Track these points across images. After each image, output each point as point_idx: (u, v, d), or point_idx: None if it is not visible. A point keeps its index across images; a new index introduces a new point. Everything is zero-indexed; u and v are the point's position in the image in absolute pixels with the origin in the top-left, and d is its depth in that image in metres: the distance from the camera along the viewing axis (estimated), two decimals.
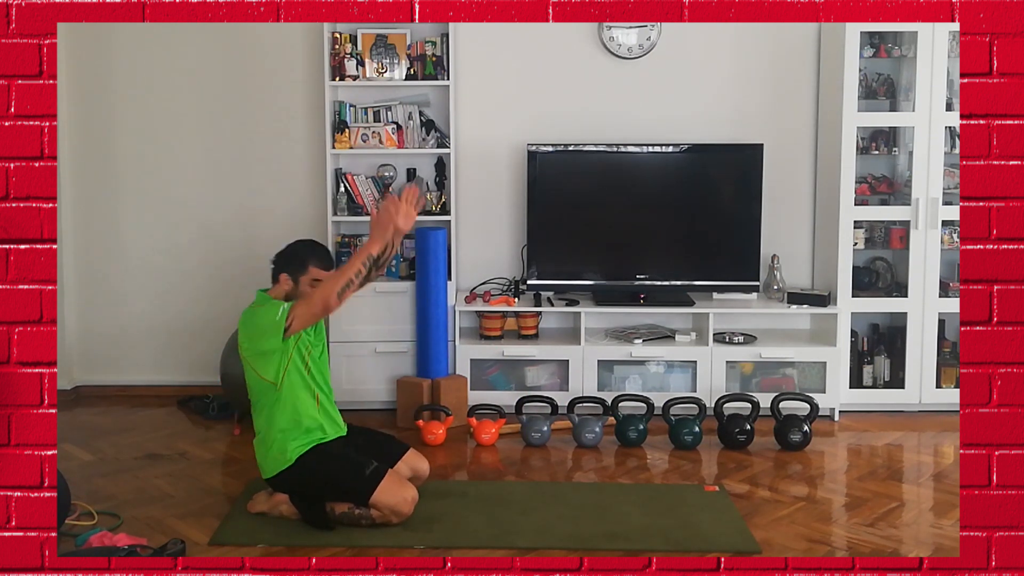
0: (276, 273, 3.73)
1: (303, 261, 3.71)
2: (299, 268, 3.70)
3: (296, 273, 3.70)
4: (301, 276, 3.70)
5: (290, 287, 3.70)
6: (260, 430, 3.69)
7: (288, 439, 3.62)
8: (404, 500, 3.58)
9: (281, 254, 3.78)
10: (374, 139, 5.19)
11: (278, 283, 3.71)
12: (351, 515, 3.59)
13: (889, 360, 5.21)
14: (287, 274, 3.70)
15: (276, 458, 3.62)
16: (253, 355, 3.62)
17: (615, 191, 5.22)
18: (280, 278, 3.71)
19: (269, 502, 3.72)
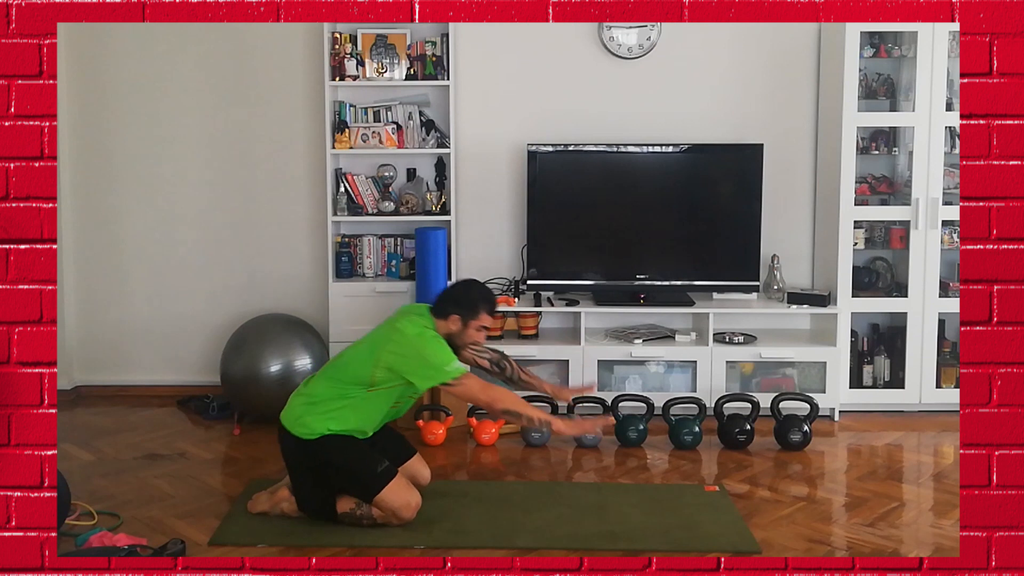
0: (446, 310, 3.71)
1: (476, 307, 3.73)
2: (471, 313, 3.72)
3: (467, 317, 3.71)
4: (471, 320, 3.71)
5: (457, 328, 3.70)
6: (318, 395, 3.63)
7: (330, 422, 3.59)
8: (408, 504, 3.58)
9: (456, 295, 3.77)
10: (374, 139, 5.20)
11: (446, 320, 3.70)
12: (352, 515, 3.59)
13: (889, 360, 5.21)
14: (459, 316, 3.70)
15: (309, 424, 3.59)
16: (390, 361, 3.57)
17: (615, 191, 5.22)
18: (451, 317, 3.70)
19: (270, 501, 3.72)
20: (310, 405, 3.64)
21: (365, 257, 5.31)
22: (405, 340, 3.60)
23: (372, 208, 5.28)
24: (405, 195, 5.27)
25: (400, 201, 5.28)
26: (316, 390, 3.67)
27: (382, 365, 3.58)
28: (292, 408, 3.69)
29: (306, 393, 3.70)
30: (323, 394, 3.65)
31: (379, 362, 3.59)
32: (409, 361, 3.57)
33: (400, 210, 5.26)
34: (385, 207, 5.23)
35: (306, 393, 3.70)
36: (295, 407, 3.68)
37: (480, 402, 3.59)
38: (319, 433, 3.59)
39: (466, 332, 3.72)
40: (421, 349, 3.58)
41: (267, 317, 5.18)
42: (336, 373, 3.69)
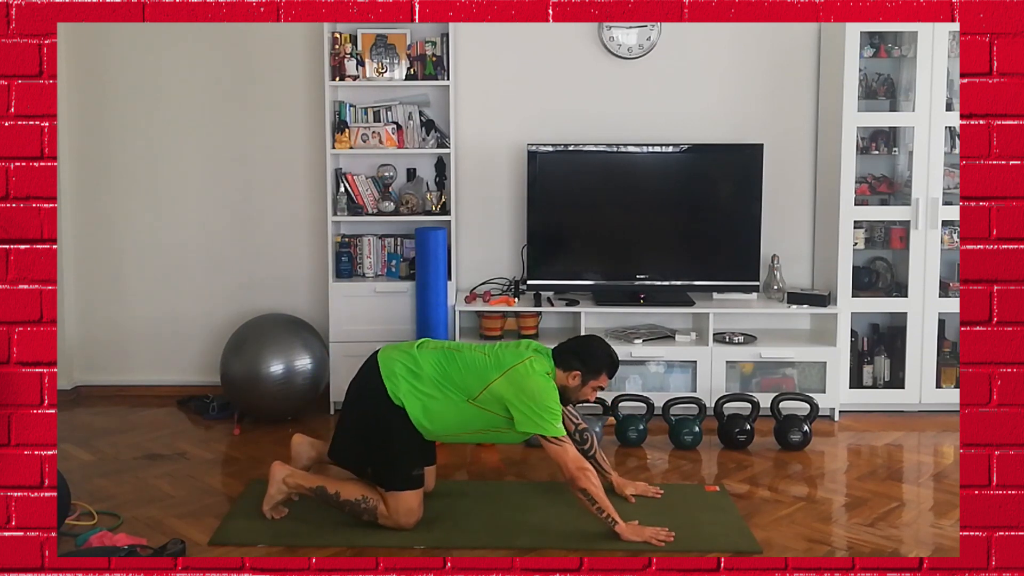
0: (571, 364, 3.68)
1: (600, 369, 3.72)
2: (594, 374, 3.71)
3: (588, 376, 3.70)
4: (591, 380, 3.71)
5: (575, 384, 3.69)
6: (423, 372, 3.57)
7: (414, 403, 3.56)
8: (412, 514, 3.57)
9: (583, 352, 3.73)
10: (374, 139, 5.19)
11: (567, 372, 3.68)
12: (357, 505, 3.58)
13: (889, 360, 5.21)
14: (580, 373, 3.68)
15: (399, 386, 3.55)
16: (504, 390, 3.55)
17: (615, 191, 5.22)
18: (573, 372, 3.68)
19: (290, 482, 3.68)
20: (411, 373, 3.59)
21: (365, 257, 5.31)
22: (530, 378, 3.56)
23: (372, 208, 5.28)
24: (405, 195, 5.27)
25: (400, 201, 5.28)
26: (425, 365, 3.61)
27: (495, 389, 3.55)
28: (396, 360, 3.62)
29: (415, 358, 3.62)
30: (428, 374, 3.59)
31: (494, 385, 3.56)
32: (523, 399, 3.53)
33: (400, 210, 5.26)
34: (385, 207, 5.23)
35: (415, 358, 3.62)
36: (398, 360, 3.61)
37: (569, 471, 3.49)
38: (399, 402, 3.56)
39: (582, 390, 3.70)
40: (541, 395, 3.54)
41: (267, 317, 5.18)
42: (451, 367, 3.62)
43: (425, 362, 3.61)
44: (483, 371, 3.59)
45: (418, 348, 3.69)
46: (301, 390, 4.97)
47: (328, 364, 5.14)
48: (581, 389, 3.71)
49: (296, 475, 3.69)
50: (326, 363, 5.13)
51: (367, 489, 3.62)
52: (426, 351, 3.67)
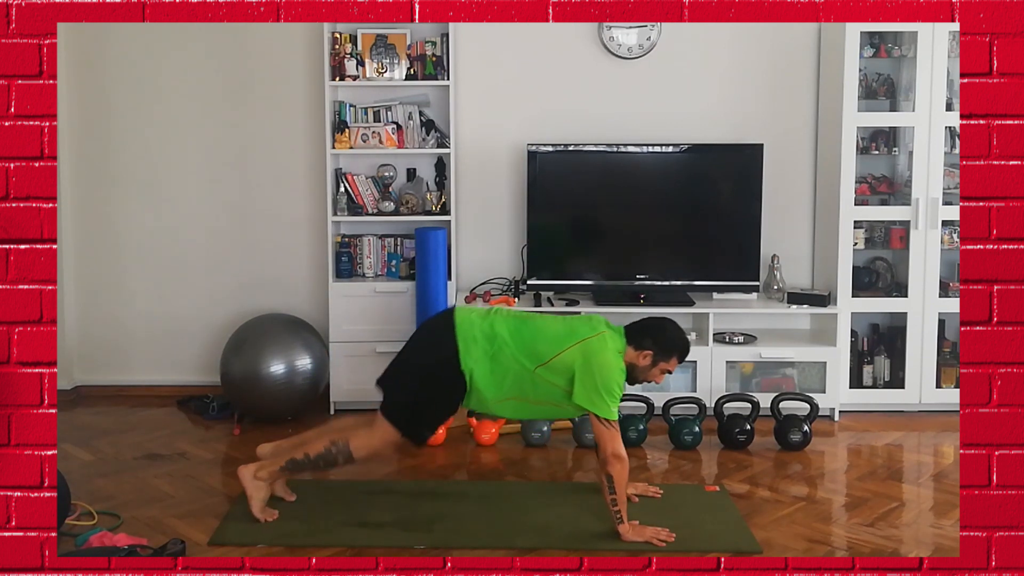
0: (644, 343, 3.66)
1: (672, 351, 3.70)
2: (665, 356, 3.69)
3: (659, 358, 3.68)
4: (662, 362, 3.69)
5: (646, 364, 3.67)
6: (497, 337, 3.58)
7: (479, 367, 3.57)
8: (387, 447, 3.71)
9: (657, 333, 3.71)
10: (374, 139, 5.19)
11: (640, 351, 3.66)
12: (328, 455, 3.62)
13: (889, 360, 5.21)
14: (653, 353, 3.67)
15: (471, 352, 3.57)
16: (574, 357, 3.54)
17: (615, 191, 5.22)
18: (645, 352, 3.66)
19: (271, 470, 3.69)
20: (486, 338, 3.58)
21: (365, 257, 5.31)
22: (602, 353, 3.56)
23: (372, 208, 5.28)
24: (405, 195, 5.27)
25: (400, 201, 5.28)
26: (500, 330, 3.60)
27: (566, 357, 3.55)
28: (474, 323, 3.62)
29: (492, 323, 3.61)
30: (502, 338, 3.58)
31: (566, 353, 3.55)
32: (590, 372, 3.52)
33: (400, 210, 5.26)
34: (385, 207, 5.23)
35: (492, 323, 3.61)
36: (476, 323, 3.61)
37: (606, 453, 3.48)
38: (466, 368, 3.56)
39: (651, 371, 3.69)
40: (608, 373, 3.53)
41: (267, 317, 5.18)
42: (525, 330, 3.61)
43: (500, 327, 3.62)
44: (557, 338, 3.59)
45: (493, 313, 3.70)
46: (301, 390, 4.97)
47: (328, 364, 5.14)
48: (650, 370, 3.69)
49: (263, 465, 3.70)
50: (326, 363, 5.13)
51: (330, 433, 3.68)
52: (500, 316, 3.68)
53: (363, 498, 3.89)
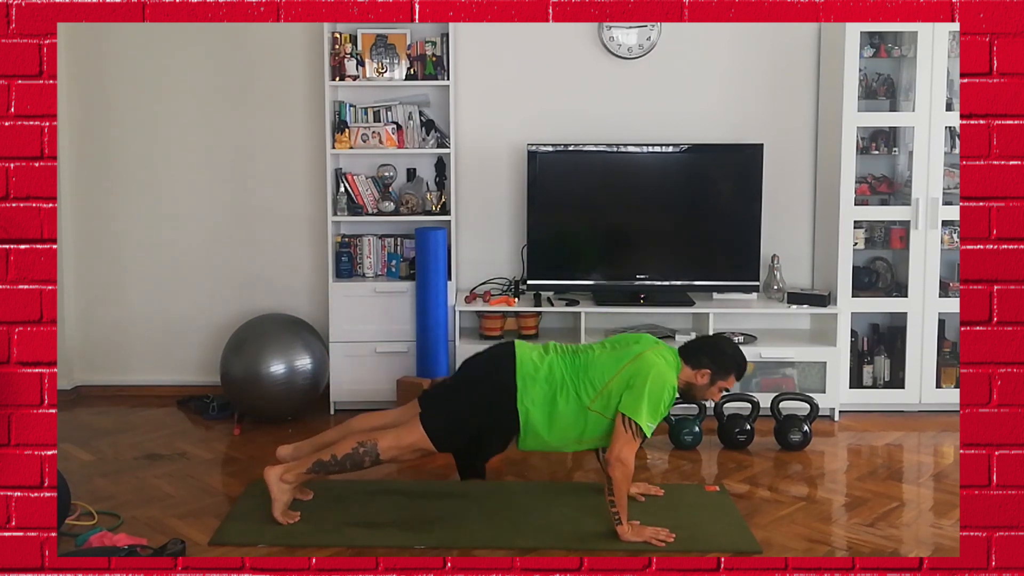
0: (701, 362, 3.66)
1: (729, 370, 3.68)
2: (724, 374, 3.67)
3: (717, 376, 3.66)
4: (720, 380, 3.67)
5: (704, 383, 3.66)
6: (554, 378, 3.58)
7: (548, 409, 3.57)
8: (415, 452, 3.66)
9: (714, 352, 3.70)
10: (374, 139, 5.19)
11: (696, 371, 3.65)
12: (356, 455, 3.58)
13: (889, 360, 5.21)
14: (711, 372, 3.65)
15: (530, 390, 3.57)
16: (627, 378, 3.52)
17: (615, 191, 5.22)
18: (702, 371, 3.65)
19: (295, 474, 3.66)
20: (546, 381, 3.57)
21: (365, 257, 5.31)
22: (656, 364, 3.53)
23: (372, 208, 5.28)
24: (405, 195, 5.27)
25: (400, 201, 5.28)
26: (558, 373, 3.59)
27: (619, 380, 3.53)
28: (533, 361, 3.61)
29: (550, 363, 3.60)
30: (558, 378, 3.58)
31: (619, 375, 3.54)
32: (642, 380, 3.50)
33: (400, 210, 5.26)
34: (385, 207, 5.23)
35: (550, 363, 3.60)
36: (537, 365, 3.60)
37: (613, 455, 3.45)
38: (522, 409, 3.56)
39: (709, 389, 3.68)
40: (659, 387, 3.50)
41: (267, 317, 5.18)
42: (578, 362, 3.61)
43: (557, 367, 3.61)
44: (609, 363, 3.58)
45: (551, 352, 3.69)
46: (301, 390, 4.97)
47: (328, 364, 5.14)
48: (708, 388, 3.68)
49: (290, 467, 3.67)
50: (326, 363, 5.13)
51: (359, 435, 3.65)
52: (557, 355, 3.67)
53: (363, 498, 3.89)
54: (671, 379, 3.57)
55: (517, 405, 3.58)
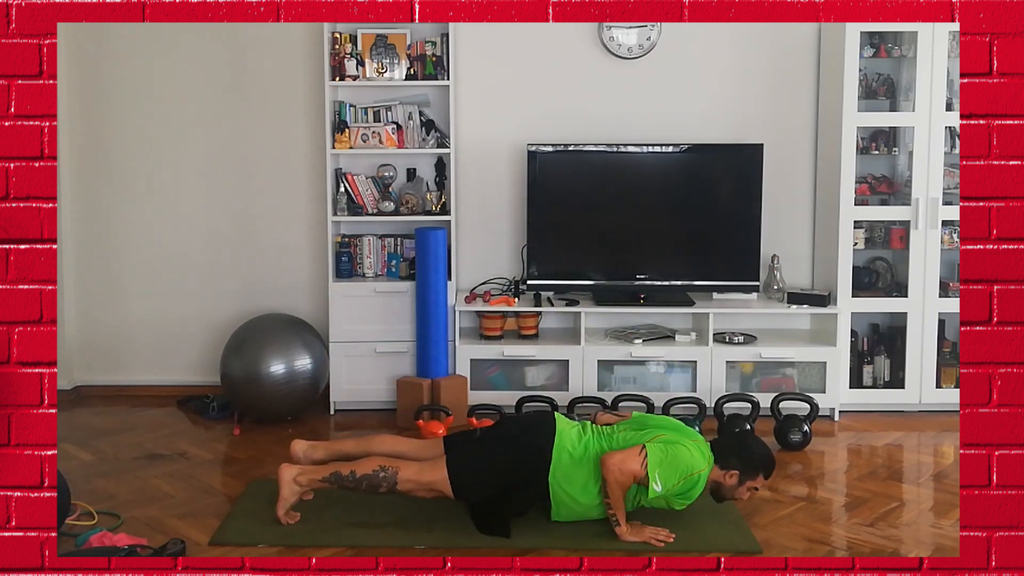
0: (729, 461, 3.61)
1: (757, 471, 3.65)
2: (752, 474, 3.64)
3: (746, 477, 3.63)
4: (749, 481, 3.64)
5: (733, 483, 3.62)
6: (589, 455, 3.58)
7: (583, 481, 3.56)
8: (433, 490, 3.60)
9: (743, 453, 3.66)
10: (374, 139, 5.19)
11: (725, 470, 3.60)
12: (374, 478, 3.55)
13: (889, 360, 5.21)
14: (740, 472, 3.61)
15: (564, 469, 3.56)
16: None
17: (615, 191, 5.22)
18: (731, 472, 3.60)
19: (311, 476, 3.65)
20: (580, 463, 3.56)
21: (365, 257, 5.31)
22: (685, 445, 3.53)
23: (372, 208, 5.28)
24: (405, 195, 5.27)
25: (400, 201, 5.28)
26: (592, 450, 3.58)
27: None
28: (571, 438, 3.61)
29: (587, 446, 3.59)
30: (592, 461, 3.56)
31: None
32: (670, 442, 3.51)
33: (400, 210, 5.26)
34: (385, 207, 5.23)
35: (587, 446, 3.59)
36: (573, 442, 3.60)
37: (613, 458, 3.45)
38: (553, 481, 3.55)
39: (738, 489, 3.64)
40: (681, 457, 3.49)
41: (267, 317, 5.18)
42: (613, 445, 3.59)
43: (592, 447, 3.60)
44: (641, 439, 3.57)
45: (588, 431, 3.69)
46: (301, 390, 4.97)
47: (328, 364, 5.14)
48: (737, 488, 3.64)
49: (306, 471, 3.66)
50: (326, 363, 5.13)
51: (382, 460, 3.61)
52: (594, 436, 3.65)
53: (363, 498, 3.87)
54: (700, 467, 3.53)
55: (549, 477, 3.57)
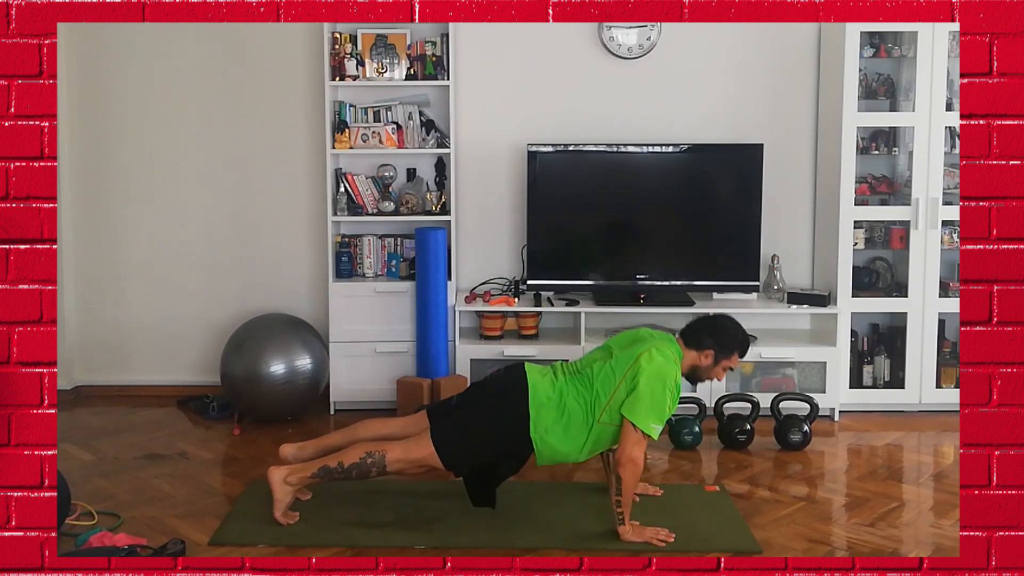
0: (703, 343, 3.66)
1: (732, 349, 3.69)
2: (727, 353, 3.67)
3: (721, 356, 3.67)
4: (723, 359, 3.67)
5: (708, 363, 3.66)
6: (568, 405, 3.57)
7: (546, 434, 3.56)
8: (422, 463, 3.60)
9: (716, 331, 3.70)
10: (374, 139, 5.19)
11: (700, 352, 3.64)
12: (363, 465, 3.55)
13: (889, 360, 5.21)
14: (714, 352, 3.65)
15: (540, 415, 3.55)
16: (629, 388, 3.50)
17: (615, 191, 5.22)
18: (706, 352, 3.64)
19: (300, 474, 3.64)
20: (557, 408, 3.57)
21: (365, 257, 5.31)
22: (651, 366, 3.49)
23: (372, 208, 5.28)
24: (405, 195, 5.27)
25: (400, 201, 5.28)
26: (568, 400, 3.58)
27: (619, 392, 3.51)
28: (545, 390, 3.59)
29: (562, 393, 3.59)
30: (572, 409, 3.57)
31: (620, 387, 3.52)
32: (641, 389, 3.47)
33: (400, 210, 5.26)
34: (385, 207, 5.23)
35: (562, 393, 3.59)
36: (547, 392, 3.58)
37: (623, 455, 3.43)
38: (536, 435, 3.55)
39: (714, 369, 3.68)
40: (653, 387, 3.47)
41: (267, 317, 5.18)
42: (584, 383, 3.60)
43: (568, 394, 3.60)
44: (608, 376, 3.56)
45: (560, 375, 3.67)
46: (301, 390, 4.97)
47: (328, 364, 5.14)
48: (713, 368, 3.68)
49: (295, 470, 3.66)
50: (326, 363, 5.13)
51: (368, 445, 3.61)
52: (566, 379, 3.65)
53: (363, 498, 3.89)
54: (671, 373, 3.54)
55: (531, 433, 3.57)
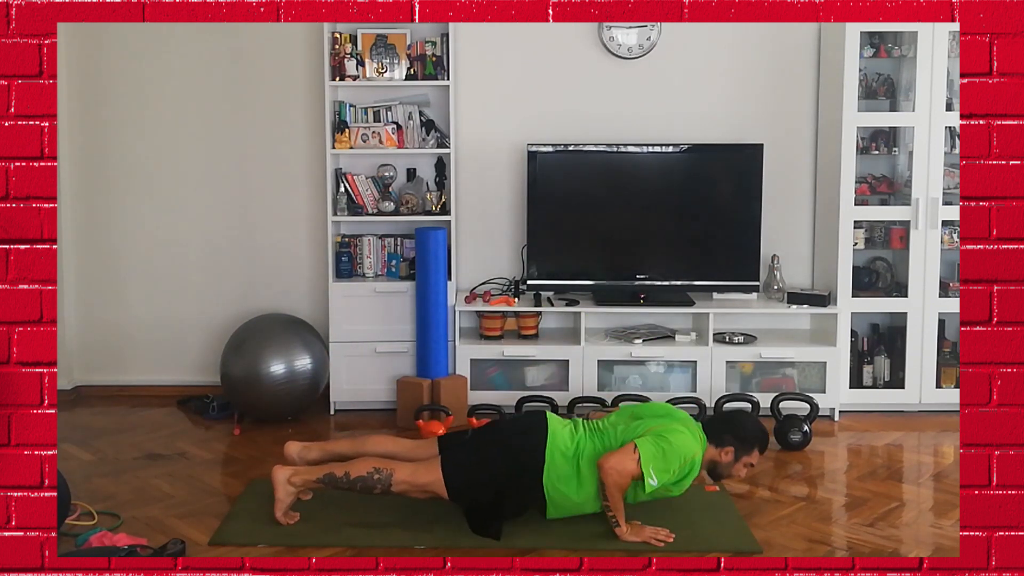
0: (724, 440, 3.64)
1: (752, 445, 3.67)
2: (747, 449, 3.66)
3: (741, 453, 3.65)
4: (744, 457, 3.66)
5: (728, 460, 3.64)
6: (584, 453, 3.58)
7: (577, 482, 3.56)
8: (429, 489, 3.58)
9: (736, 428, 3.69)
10: (374, 139, 5.19)
11: (720, 448, 3.63)
12: (368, 480, 3.54)
13: (889, 360, 5.21)
14: (735, 448, 3.63)
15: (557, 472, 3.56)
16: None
17: (615, 191, 5.22)
18: (726, 448, 3.63)
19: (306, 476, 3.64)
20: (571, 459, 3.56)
21: (365, 257, 5.31)
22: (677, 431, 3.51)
23: (372, 208, 5.28)
24: (405, 195, 5.27)
25: (400, 201, 5.28)
26: (585, 450, 3.58)
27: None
28: (563, 439, 3.60)
29: (579, 444, 3.59)
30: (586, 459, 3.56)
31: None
32: (661, 433, 3.48)
33: (400, 210, 5.26)
34: (385, 207, 5.23)
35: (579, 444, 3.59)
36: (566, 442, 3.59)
37: (608, 462, 3.44)
38: (548, 483, 3.55)
39: (735, 466, 3.66)
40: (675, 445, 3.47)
41: (267, 317, 5.18)
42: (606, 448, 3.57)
43: (584, 445, 3.59)
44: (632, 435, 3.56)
45: (580, 429, 3.67)
46: (301, 390, 4.97)
47: (328, 364, 5.14)
48: (733, 465, 3.66)
49: (299, 471, 3.66)
50: (326, 363, 5.13)
51: (377, 461, 3.61)
52: (585, 435, 3.64)
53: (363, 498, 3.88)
54: (694, 449, 3.53)
55: (543, 479, 3.56)
